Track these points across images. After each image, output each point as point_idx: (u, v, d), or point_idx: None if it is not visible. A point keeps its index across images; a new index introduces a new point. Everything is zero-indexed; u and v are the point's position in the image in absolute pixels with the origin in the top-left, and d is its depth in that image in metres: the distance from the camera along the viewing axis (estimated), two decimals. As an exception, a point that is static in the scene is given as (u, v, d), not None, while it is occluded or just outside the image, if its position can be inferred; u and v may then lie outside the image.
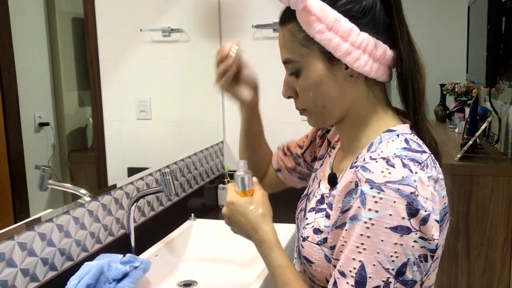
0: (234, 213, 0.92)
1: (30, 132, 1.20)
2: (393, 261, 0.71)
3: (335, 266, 0.78)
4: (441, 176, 0.81)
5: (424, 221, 0.72)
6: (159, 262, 1.52)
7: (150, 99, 1.73)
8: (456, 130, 3.70)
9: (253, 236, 0.91)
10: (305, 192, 1.04)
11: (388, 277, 0.72)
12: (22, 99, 1.15)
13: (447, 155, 2.91)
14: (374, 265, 0.72)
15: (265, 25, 2.21)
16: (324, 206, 0.88)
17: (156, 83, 1.79)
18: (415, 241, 0.72)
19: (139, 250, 1.50)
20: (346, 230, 0.75)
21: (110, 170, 1.50)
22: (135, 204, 1.47)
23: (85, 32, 1.40)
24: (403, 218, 0.71)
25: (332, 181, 0.87)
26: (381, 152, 0.77)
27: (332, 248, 0.81)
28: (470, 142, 2.73)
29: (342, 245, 0.76)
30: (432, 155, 0.81)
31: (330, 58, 0.82)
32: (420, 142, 0.82)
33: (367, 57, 0.81)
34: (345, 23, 0.80)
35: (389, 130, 0.84)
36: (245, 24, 2.24)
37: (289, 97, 0.90)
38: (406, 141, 0.80)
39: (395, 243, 0.71)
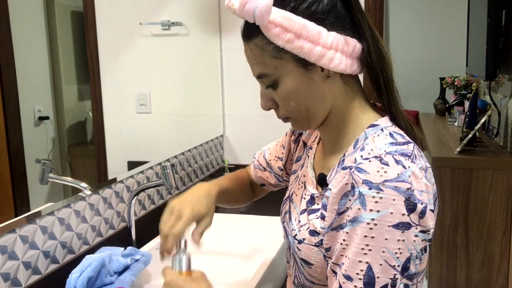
0: None
1: (30, 126, 1.20)
2: (397, 257, 0.72)
3: (333, 272, 0.78)
4: (428, 164, 0.81)
5: (422, 214, 0.73)
6: (160, 255, 1.53)
7: (150, 93, 1.73)
8: (456, 124, 3.71)
9: None
10: (286, 195, 1.03)
11: (395, 274, 0.72)
12: (21, 93, 1.15)
13: (446, 148, 2.92)
14: (380, 264, 0.72)
15: (264, 18, 2.20)
16: (317, 206, 0.87)
17: (156, 77, 1.79)
18: (416, 235, 0.73)
19: (140, 243, 1.51)
20: (347, 233, 0.74)
21: (110, 163, 1.50)
22: (135, 197, 1.48)
23: (84, 26, 1.40)
24: (403, 214, 0.72)
25: (322, 181, 0.87)
26: (371, 150, 0.77)
27: (327, 250, 0.80)
28: (470, 136, 2.73)
29: (344, 248, 0.75)
30: (415, 144, 0.82)
31: (304, 64, 0.81)
32: (402, 132, 0.84)
33: (340, 55, 0.81)
34: (312, 27, 0.79)
35: (372, 125, 0.84)
36: (244, 17, 2.24)
37: (268, 109, 0.88)
38: (391, 135, 0.81)
39: (398, 240, 0.72)
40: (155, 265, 1.44)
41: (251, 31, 0.82)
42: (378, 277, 0.72)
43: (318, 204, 0.87)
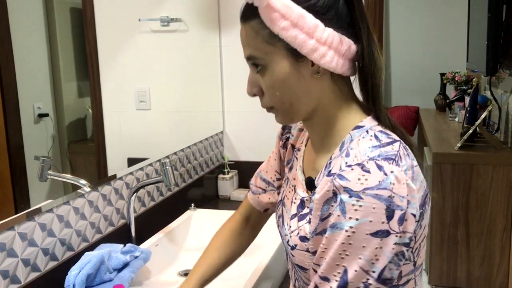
0: None
1: (30, 123, 1.20)
2: (373, 263, 0.73)
3: (315, 271, 0.79)
4: (414, 162, 0.80)
5: (401, 220, 0.73)
6: (160, 251, 1.53)
7: (149, 90, 1.72)
8: (456, 119, 3.70)
9: None
10: (279, 198, 1.02)
11: (368, 279, 0.73)
12: (21, 90, 1.15)
13: (447, 144, 2.92)
14: (356, 270, 0.73)
15: (264, 14, 2.20)
16: (306, 211, 0.87)
17: (155, 73, 1.79)
18: (395, 243, 0.73)
19: (140, 240, 1.51)
20: (327, 237, 0.75)
21: (110, 160, 1.50)
22: (135, 194, 1.48)
23: (83, 22, 1.40)
24: (383, 222, 0.72)
25: (310, 185, 0.86)
26: (355, 157, 0.77)
27: (314, 253, 0.81)
28: (470, 131, 2.73)
29: (323, 251, 0.76)
30: (401, 141, 0.81)
31: (295, 55, 0.80)
32: (387, 131, 0.83)
33: (333, 53, 0.80)
34: (309, 19, 0.78)
35: (358, 127, 0.84)
36: (244, 13, 2.23)
37: (254, 95, 0.87)
38: (376, 136, 0.80)
39: (376, 248, 0.72)
40: (154, 262, 1.44)
41: (249, 13, 0.82)
42: (351, 282, 0.73)
43: (307, 207, 0.87)
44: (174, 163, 1.86)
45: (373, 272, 0.73)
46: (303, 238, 0.84)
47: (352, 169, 0.74)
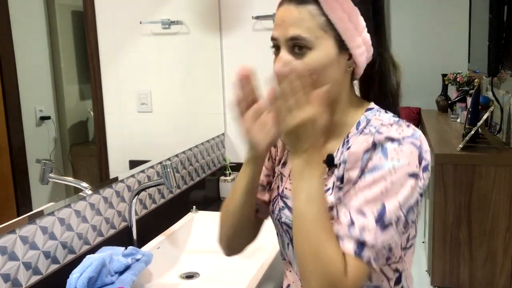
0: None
1: (32, 126, 1.20)
2: (405, 201, 0.82)
3: (338, 214, 0.86)
4: None
5: (425, 168, 0.85)
6: (161, 254, 1.53)
7: (151, 92, 1.73)
8: (458, 120, 3.70)
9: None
10: (274, 194, 1.03)
11: (400, 215, 0.82)
12: (22, 93, 1.15)
13: (449, 145, 2.91)
14: (393, 205, 0.81)
15: (265, 16, 2.20)
16: (328, 185, 0.91)
17: (157, 76, 1.79)
18: (419, 187, 0.84)
19: (141, 242, 1.51)
20: (365, 178, 0.84)
21: (111, 163, 1.50)
22: (136, 196, 1.48)
23: (84, 25, 1.40)
24: (416, 166, 0.83)
25: (331, 162, 0.92)
26: (382, 121, 0.88)
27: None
28: (472, 132, 2.72)
29: (360, 189, 0.84)
30: None
31: (340, 46, 0.88)
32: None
33: (366, 54, 0.90)
34: (361, 18, 0.88)
35: (369, 109, 0.95)
36: (245, 15, 2.24)
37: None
38: (387, 113, 0.93)
39: (410, 187, 0.83)
40: (156, 265, 1.44)
41: None
42: (387, 216, 0.81)
43: (326, 185, 0.91)
44: (175, 165, 1.86)
45: (404, 209, 0.83)
46: (329, 209, 0.89)
47: (388, 127, 0.86)
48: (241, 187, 0.98)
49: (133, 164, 1.62)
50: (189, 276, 1.55)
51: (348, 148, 0.89)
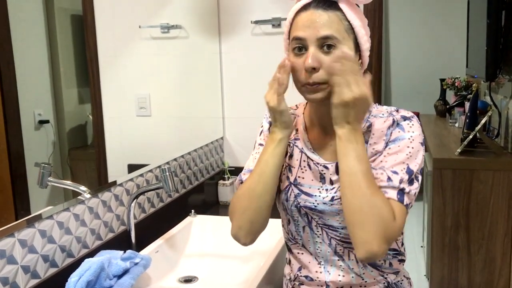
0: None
1: (30, 129, 1.20)
2: (420, 163, 1.03)
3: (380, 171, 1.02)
4: None
5: (423, 142, 1.06)
6: (160, 258, 1.53)
7: (150, 96, 1.73)
8: (456, 125, 3.71)
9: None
10: (286, 183, 1.13)
11: (419, 173, 1.03)
12: (21, 97, 1.15)
13: (447, 149, 2.92)
14: (414, 165, 1.02)
15: (264, 20, 2.21)
16: None
17: (156, 80, 1.79)
18: (424, 152, 1.05)
19: (140, 246, 1.51)
20: (390, 148, 1.03)
21: (110, 167, 1.50)
22: (135, 200, 1.48)
23: (84, 29, 1.40)
24: (422, 138, 1.05)
25: None
26: (382, 109, 1.09)
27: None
28: (470, 137, 2.73)
29: (387, 155, 1.02)
30: None
31: (356, 49, 1.04)
32: None
33: (368, 59, 1.09)
34: (367, 28, 1.07)
35: None
36: (244, 19, 2.24)
37: (313, 69, 1.00)
38: (381, 105, 1.13)
39: (421, 153, 1.03)
40: (154, 269, 1.44)
41: (332, 4, 1.02)
42: (411, 173, 1.01)
43: None
44: (174, 169, 1.86)
45: (419, 169, 1.03)
46: None
47: (396, 111, 1.07)
48: (272, 167, 1.07)
49: (132, 168, 1.62)
50: (188, 280, 1.55)
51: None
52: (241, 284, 1.48)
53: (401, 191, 0.99)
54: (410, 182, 1.00)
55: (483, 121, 2.75)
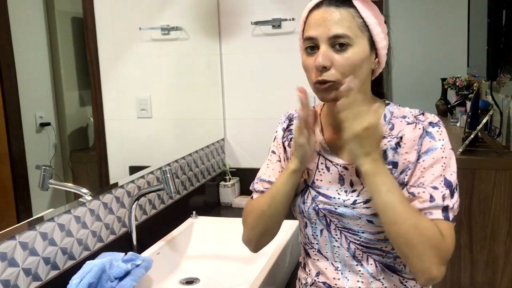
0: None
1: (32, 132, 1.20)
2: (455, 170, 1.01)
3: (410, 193, 1.00)
4: None
5: (452, 147, 1.04)
6: (161, 260, 1.53)
7: (151, 98, 1.73)
8: (458, 124, 3.70)
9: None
10: (302, 187, 1.13)
11: (456, 181, 1.01)
12: (22, 100, 1.16)
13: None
14: (451, 175, 1.00)
15: (264, 21, 2.21)
16: None
17: (156, 82, 1.80)
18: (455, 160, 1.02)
19: (141, 248, 1.51)
20: (424, 161, 1.00)
21: (111, 169, 1.51)
22: (136, 202, 1.48)
23: (84, 32, 1.40)
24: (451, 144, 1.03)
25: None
26: (410, 111, 1.06)
27: (404, 184, 1.02)
28: (472, 136, 2.72)
29: (424, 169, 1.00)
30: None
31: (371, 46, 1.02)
32: None
33: (386, 57, 1.06)
34: (384, 25, 1.04)
35: (387, 103, 1.11)
36: (244, 21, 2.24)
37: (323, 68, 0.98)
38: (403, 106, 1.10)
39: (454, 159, 1.01)
40: (156, 270, 1.44)
41: (346, 1, 1.00)
42: (450, 184, 0.99)
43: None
44: (175, 171, 1.86)
45: (455, 180, 1.00)
46: None
47: (421, 115, 1.05)
48: (282, 195, 1.09)
49: (133, 169, 1.62)
50: (189, 281, 1.55)
51: (384, 137, 1.04)
52: (243, 286, 1.48)
53: (445, 209, 0.98)
54: (452, 195, 0.99)
55: (484, 121, 2.74)
